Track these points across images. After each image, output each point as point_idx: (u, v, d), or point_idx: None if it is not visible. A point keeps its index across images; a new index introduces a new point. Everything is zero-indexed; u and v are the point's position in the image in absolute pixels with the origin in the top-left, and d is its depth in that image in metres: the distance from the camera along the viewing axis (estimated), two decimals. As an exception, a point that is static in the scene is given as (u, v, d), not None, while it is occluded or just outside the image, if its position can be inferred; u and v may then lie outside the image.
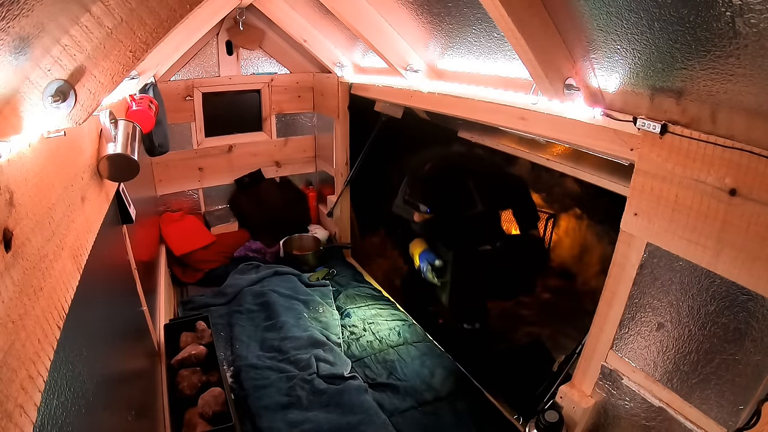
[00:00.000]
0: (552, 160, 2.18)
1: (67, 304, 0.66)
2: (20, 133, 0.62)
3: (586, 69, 1.11)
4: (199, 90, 2.66)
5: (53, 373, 0.56)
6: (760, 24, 0.70)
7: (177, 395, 1.46)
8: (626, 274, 1.14)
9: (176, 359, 1.57)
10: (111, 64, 0.68)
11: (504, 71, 1.46)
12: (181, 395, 1.45)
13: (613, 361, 1.22)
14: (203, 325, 1.74)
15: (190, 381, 1.47)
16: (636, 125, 1.02)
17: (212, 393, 1.42)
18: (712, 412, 0.99)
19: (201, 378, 1.50)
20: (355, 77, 2.54)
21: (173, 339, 1.72)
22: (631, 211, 1.09)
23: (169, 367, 1.56)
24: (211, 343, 1.66)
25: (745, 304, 0.90)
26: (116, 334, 1.05)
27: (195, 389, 1.46)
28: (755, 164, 0.83)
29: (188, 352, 1.59)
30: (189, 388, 1.45)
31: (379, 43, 1.76)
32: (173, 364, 1.57)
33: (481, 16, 1.31)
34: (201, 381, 1.49)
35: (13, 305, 0.48)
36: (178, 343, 1.70)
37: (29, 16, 0.52)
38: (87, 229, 0.85)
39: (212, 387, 1.48)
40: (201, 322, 1.75)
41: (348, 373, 1.74)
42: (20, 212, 0.54)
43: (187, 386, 1.46)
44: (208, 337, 1.68)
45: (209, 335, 1.69)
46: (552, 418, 1.26)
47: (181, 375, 1.50)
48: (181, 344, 1.68)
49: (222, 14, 2.18)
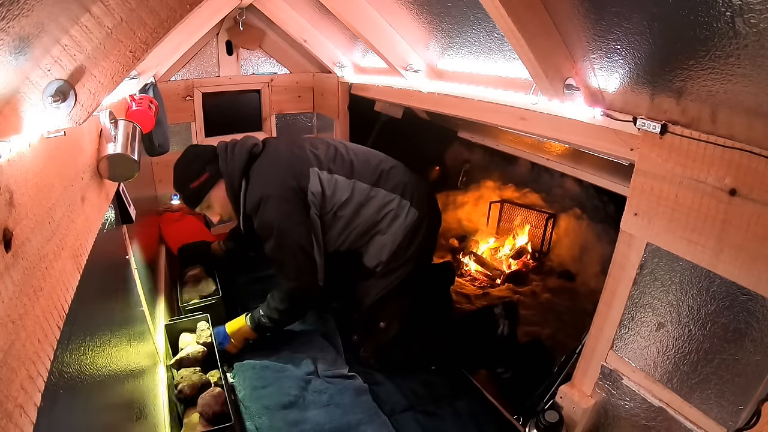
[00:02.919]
0: (552, 160, 2.18)
1: (67, 304, 0.66)
2: (20, 133, 0.62)
3: (586, 69, 1.11)
4: (199, 90, 2.66)
5: (53, 374, 0.56)
6: (760, 24, 0.70)
7: (177, 395, 1.46)
8: (626, 274, 1.14)
9: (176, 359, 1.58)
10: (111, 64, 0.68)
11: (504, 71, 1.46)
12: (181, 395, 1.45)
13: (613, 361, 1.22)
14: (204, 325, 1.74)
15: (190, 381, 1.47)
16: (636, 125, 1.03)
17: (212, 393, 1.42)
18: (712, 412, 0.99)
19: (201, 378, 1.50)
20: (355, 77, 2.54)
21: (173, 339, 1.73)
22: (631, 211, 1.09)
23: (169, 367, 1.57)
24: (211, 343, 1.66)
25: (745, 304, 0.90)
26: (116, 333, 1.05)
27: (195, 389, 1.46)
28: (755, 164, 0.83)
29: (188, 352, 1.59)
30: (189, 388, 1.45)
31: (379, 43, 1.77)
32: (173, 365, 1.57)
33: (481, 16, 1.31)
34: (201, 381, 1.49)
35: (13, 305, 0.48)
36: (178, 342, 1.71)
37: (29, 16, 0.52)
38: (87, 229, 0.85)
39: (212, 387, 1.48)
40: (202, 322, 1.75)
41: (348, 372, 1.74)
42: (20, 212, 0.54)
43: (187, 386, 1.46)
44: (207, 337, 1.68)
45: (209, 335, 1.69)
46: (552, 418, 1.26)
47: (180, 375, 1.50)
48: (180, 344, 1.69)
49: (222, 14, 2.18)
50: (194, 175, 1.79)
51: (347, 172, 1.79)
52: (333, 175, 1.77)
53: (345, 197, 1.77)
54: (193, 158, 1.83)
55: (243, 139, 1.87)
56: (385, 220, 1.81)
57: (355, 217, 1.80)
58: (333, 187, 1.76)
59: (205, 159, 1.81)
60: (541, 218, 2.99)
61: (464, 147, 3.59)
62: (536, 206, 3.11)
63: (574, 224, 2.94)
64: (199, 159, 1.81)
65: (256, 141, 1.87)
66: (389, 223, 1.82)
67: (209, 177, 1.79)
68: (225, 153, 1.81)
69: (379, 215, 1.81)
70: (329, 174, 1.77)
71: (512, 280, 2.80)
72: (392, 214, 1.81)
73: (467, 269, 2.98)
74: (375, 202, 1.80)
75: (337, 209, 1.78)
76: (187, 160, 1.83)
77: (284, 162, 1.78)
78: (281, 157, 1.80)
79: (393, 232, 1.81)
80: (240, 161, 1.77)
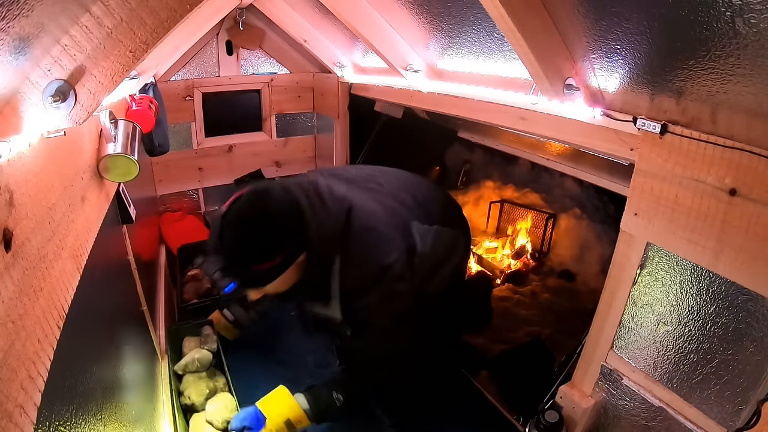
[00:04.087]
0: (552, 160, 2.19)
1: (67, 304, 0.66)
2: (20, 133, 0.62)
3: (586, 69, 1.11)
4: (199, 90, 2.66)
5: (53, 374, 0.56)
6: (760, 24, 0.70)
7: (183, 402, 1.42)
8: (626, 274, 1.14)
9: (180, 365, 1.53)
10: (111, 64, 0.68)
11: (504, 71, 1.46)
12: (188, 402, 1.41)
13: (613, 361, 1.22)
14: (209, 330, 1.69)
15: (196, 387, 1.43)
16: (636, 125, 1.02)
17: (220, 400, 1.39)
18: (712, 412, 0.99)
19: (207, 384, 1.46)
20: (355, 77, 2.54)
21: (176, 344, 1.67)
22: (631, 211, 1.09)
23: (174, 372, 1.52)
24: (217, 348, 1.61)
25: (745, 304, 0.90)
26: (116, 333, 1.05)
27: (202, 396, 1.42)
28: (755, 164, 0.83)
29: (192, 357, 1.54)
30: (196, 395, 1.42)
31: (379, 43, 1.77)
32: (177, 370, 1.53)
33: (481, 16, 1.31)
34: (208, 387, 1.45)
35: (13, 305, 0.48)
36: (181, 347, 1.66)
37: (29, 16, 0.52)
38: (87, 229, 0.85)
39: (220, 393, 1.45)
40: (207, 327, 1.70)
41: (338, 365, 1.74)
42: (20, 212, 0.54)
43: (194, 393, 1.42)
44: (213, 342, 1.63)
45: (215, 340, 1.64)
46: (552, 418, 1.26)
47: (186, 381, 1.47)
48: (184, 349, 1.64)
49: (222, 14, 2.19)
50: (261, 257, 1.13)
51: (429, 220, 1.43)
52: (423, 225, 1.39)
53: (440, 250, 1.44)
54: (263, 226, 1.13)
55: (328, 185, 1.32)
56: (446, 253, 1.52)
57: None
58: (431, 242, 1.38)
59: (281, 231, 1.14)
60: (541, 218, 2.98)
61: (464, 147, 3.59)
62: (536, 206, 3.10)
63: (574, 224, 2.94)
64: (272, 230, 1.14)
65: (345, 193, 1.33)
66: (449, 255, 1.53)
67: (288, 256, 1.16)
68: (313, 212, 1.19)
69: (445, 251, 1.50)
70: (421, 224, 1.39)
71: (512, 280, 2.80)
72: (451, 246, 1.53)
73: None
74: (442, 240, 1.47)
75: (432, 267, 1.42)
76: (250, 228, 1.13)
77: (384, 216, 1.35)
78: (376, 210, 1.35)
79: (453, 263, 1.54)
80: (337, 226, 1.23)
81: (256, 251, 1.12)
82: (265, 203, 1.16)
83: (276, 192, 1.19)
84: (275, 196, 1.18)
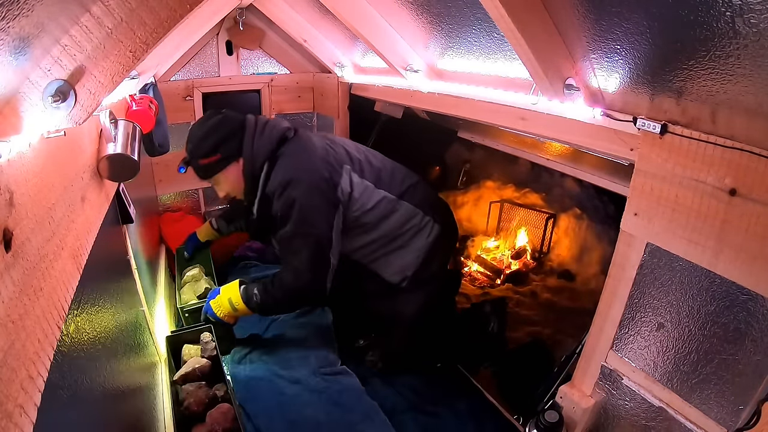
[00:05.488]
0: (552, 160, 2.19)
1: (67, 304, 0.66)
2: (20, 133, 0.62)
3: (586, 69, 1.11)
4: (199, 90, 2.66)
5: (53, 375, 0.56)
6: (760, 24, 0.70)
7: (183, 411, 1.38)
8: (626, 274, 1.14)
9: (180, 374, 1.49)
10: (111, 64, 0.68)
11: (504, 71, 1.46)
12: (188, 411, 1.37)
13: (613, 361, 1.22)
14: (208, 336, 1.64)
15: (196, 396, 1.40)
16: (636, 125, 1.02)
17: (220, 409, 1.36)
18: (712, 412, 0.99)
19: (207, 393, 1.42)
20: (355, 77, 2.54)
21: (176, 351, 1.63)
22: (631, 211, 1.09)
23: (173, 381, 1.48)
24: (216, 355, 1.57)
25: (745, 304, 0.90)
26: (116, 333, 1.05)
27: (202, 405, 1.39)
28: (755, 164, 0.83)
29: (192, 366, 1.50)
30: (196, 404, 1.38)
31: (379, 43, 1.77)
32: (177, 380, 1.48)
33: (481, 16, 1.31)
34: (208, 396, 1.41)
35: (13, 305, 0.48)
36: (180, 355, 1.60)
37: (29, 16, 0.52)
38: (87, 229, 0.85)
39: (220, 403, 1.41)
40: (206, 333, 1.65)
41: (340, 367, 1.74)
42: (20, 212, 0.54)
43: (194, 402, 1.38)
44: (211, 350, 1.59)
45: (213, 347, 1.60)
46: (552, 418, 1.25)
47: (186, 390, 1.43)
48: (183, 356, 1.59)
49: (222, 14, 2.18)
50: (205, 152, 1.61)
51: (375, 180, 1.72)
52: (363, 179, 1.69)
53: (371, 204, 1.70)
54: (212, 131, 1.62)
55: (275, 120, 1.73)
56: (407, 234, 1.76)
57: (376, 226, 1.73)
58: (361, 191, 1.68)
59: (223, 135, 1.61)
60: (541, 218, 2.98)
61: (464, 147, 3.59)
62: (536, 206, 3.11)
63: (574, 224, 2.94)
64: (217, 134, 1.61)
65: (289, 126, 1.72)
66: (411, 237, 1.76)
67: (221, 159, 1.62)
68: (253, 132, 1.64)
69: (402, 229, 1.75)
70: (360, 178, 1.69)
71: (512, 280, 2.80)
72: (415, 229, 1.76)
73: (467, 269, 2.98)
74: (398, 215, 1.74)
75: (360, 214, 1.69)
76: (204, 131, 1.63)
77: (320, 151, 1.66)
78: (316, 146, 1.68)
79: (417, 247, 1.77)
80: (269, 144, 1.63)
81: (202, 148, 1.62)
82: (219, 118, 1.65)
83: (231, 113, 1.68)
84: (230, 115, 1.67)
